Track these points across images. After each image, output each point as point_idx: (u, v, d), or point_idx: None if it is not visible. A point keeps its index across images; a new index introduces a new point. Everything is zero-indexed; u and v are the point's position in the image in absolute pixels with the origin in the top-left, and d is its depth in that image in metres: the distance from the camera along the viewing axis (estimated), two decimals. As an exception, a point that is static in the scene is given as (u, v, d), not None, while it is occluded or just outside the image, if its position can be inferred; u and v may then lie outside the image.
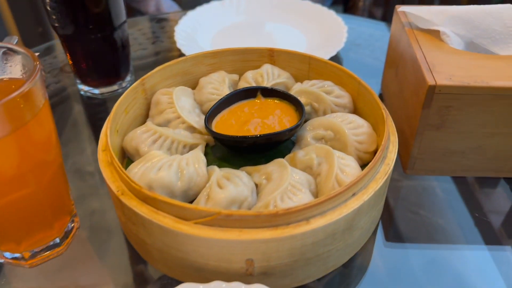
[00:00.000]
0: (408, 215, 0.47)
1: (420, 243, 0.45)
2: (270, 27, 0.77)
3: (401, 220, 0.47)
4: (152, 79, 0.50)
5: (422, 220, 0.47)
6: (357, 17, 0.84)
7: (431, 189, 0.50)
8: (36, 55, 0.37)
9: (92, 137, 0.59)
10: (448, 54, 0.47)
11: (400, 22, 0.53)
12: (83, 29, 0.55)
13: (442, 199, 0.49)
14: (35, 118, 0.35)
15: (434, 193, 0.50)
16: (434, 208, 0.48)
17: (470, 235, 0.45)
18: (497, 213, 0.48)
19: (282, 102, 0.49)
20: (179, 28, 0.71)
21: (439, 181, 0.51)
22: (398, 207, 0.49)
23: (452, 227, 0.46)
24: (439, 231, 0.46)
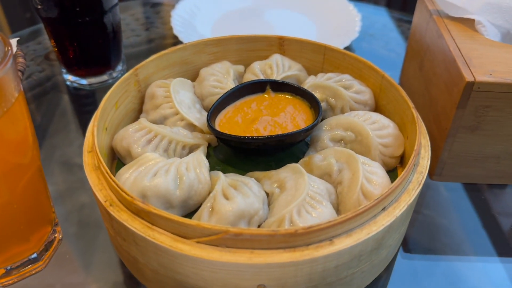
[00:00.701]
0: (414, 216, 0.42)
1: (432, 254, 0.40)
2: (276, 14, 0.70)
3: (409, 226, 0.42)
4: (146, 69, 0.44)
5: (426, 221, 0.42)
6: (368, 5, 0.78)
7: (434, 187, 0.45)
8: (14, 40, 0.31)
9: (80, 130, 0.53)
10: (486, 47, 0.41)
11: (426, 9, 0.48)
12: (70, 12, 0.49)
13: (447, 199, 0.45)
14: (6, 114, 0.29)
15: (438, 192, 0.45)
16: (438, 209, 0.43)
17: (476, 237, 0.41)
18: (506, 215, 0.43)
19: (294, 98, 0.43)
20: (176, 13, 0.65)
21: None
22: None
23: (458, 229, 0.41)
24: (446, 234, 0.41)
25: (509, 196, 0.46)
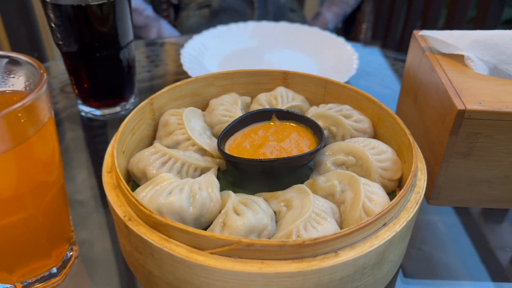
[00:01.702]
0: (411, 251, 0.44)
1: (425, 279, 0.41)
2: (279, 53, 0.75)
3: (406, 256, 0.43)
4: (160, 99, 0.47)
5: (425, 256, 0.43)
6: (364, 46, 0.83)
7: (433, 224, 0.47)
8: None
9: (86, 162, 0.55)
10: (475, 79, 0.45)
11: (419, 47, 0.52)
12: (88, 47, 0.53)
13: (446, 234, 0.46)
14: (37, 134, 0.32)
15: (437, 227, 0.47)
16: (437, 243, 0.45)
17: (475, 271, 0.42)
18: (502, 248, 0.45)
19: (298, 126, 0.46)
20: (185, 51, 0.69)
21: (442, 215, 0.48)
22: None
23: (457, 263, 0.43)
24: (443, 267, 0.42)
25: (505, 230, 0.48)
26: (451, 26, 1.16)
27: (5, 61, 0.35)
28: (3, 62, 0.35)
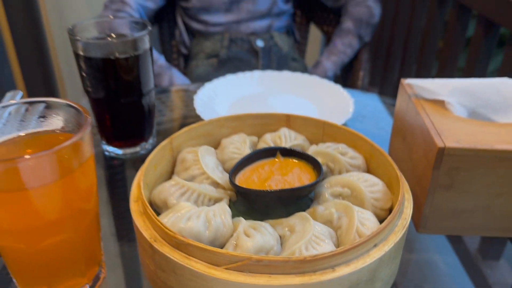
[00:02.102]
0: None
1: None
2: (282, 98, 0.82)
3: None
4: (179, 139, 0.54)
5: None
6: (360, 92, 0.90)
7: (433, 263, 0.51)
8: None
9: (109, 194, 0.61)
10: (454, 121, 0.51)
11: (406, 93, 0.59)
12: (114, 94, 0.60)
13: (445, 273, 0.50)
14: (81, 168, 0.38)
15: (437, 267, 0.51)
16: (437, 283, 0.49)
17: None
18: (501, 286, 0.49)
19: (300, 162, 0.52)
20: (198, 97, 0.76)
21: (442, 255, 0.52)
22: (401, 283, 0.49)
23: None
24: None
25: (503, 268, 0.52)
26: (443, 74, 1.24)
27: (44, 105, 0.42)
28: (43, 106, 0.42)
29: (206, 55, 1.30)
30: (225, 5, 1.26)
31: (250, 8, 1.27)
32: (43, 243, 0.38)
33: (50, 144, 0.36)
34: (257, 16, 1.29)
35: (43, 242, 0.38)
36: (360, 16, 1.24)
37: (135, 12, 1.15)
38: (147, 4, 1.19)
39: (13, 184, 0.36)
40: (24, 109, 0.44)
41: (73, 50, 0.58)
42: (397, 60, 1.54)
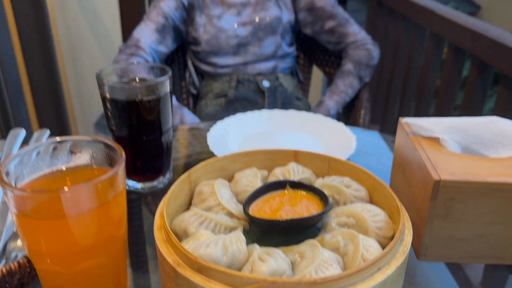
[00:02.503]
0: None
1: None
2: (289, 136, 0.88)
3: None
4: (196, 173, 0.59)
5: None
6: (362, 129, 0.96)
7: None
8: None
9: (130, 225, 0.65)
10: (448, 156, 0.56)
11: (404, 131, 0.64)
12: (136, 133, 0.65)
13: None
14: (115, 198, 0.43)
15: None
16: None
17: None
18: None
19: (308, 194, 0.56)
20: (211, 135, 0.82)
21: (442, 283, 0.55)
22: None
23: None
24: None
25: None
26: (441, 112, 1.30)
27: (72, 142, 0.47)
28: (71, 142, 0.47)
29: (214, 95, 1.37)
30: (232, 49, 1.34)
31: (256, 51, 1.35)
32: (78, 267, 0.42)
33: (86, 177, 0.41)
34: (263, 59, 1.37)
35: (78, 265, 0.42)
36: (359, 59, 1.32)
37: (148, 56, 1.23)
38: (159, 48, 1.27)
39: (55, 213, 0.41)
40: (53, 147, 0.49)
41: (100, 93, 0.64)
42: (397, 98, 1.61)
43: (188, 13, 1.33)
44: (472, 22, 1.19)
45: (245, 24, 1.33)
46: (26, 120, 1.68)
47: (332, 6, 1.36)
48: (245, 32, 1.33)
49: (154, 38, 1.25)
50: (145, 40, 1.23)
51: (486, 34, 1.10)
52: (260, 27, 1.33)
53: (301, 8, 1.38)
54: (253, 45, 1.35)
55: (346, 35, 1.35)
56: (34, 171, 0.47)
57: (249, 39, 1.34)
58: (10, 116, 1.60)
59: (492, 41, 1.06)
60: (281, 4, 1.36)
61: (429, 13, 1.38)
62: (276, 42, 1.36)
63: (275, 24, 1.34)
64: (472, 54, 1.13)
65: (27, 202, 0.41)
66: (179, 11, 1.31)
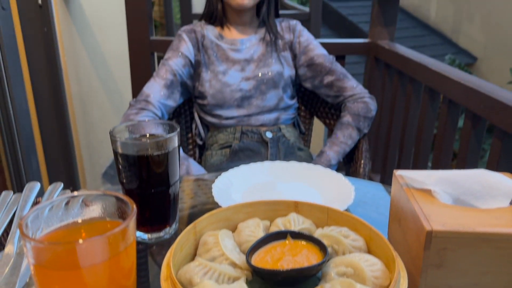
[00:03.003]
0: None
1: None
2: (290, 186, 0.91)
3: None
4: (201, 224, 0.62)
5: None
6: (362, 180, 0.99)
7: None
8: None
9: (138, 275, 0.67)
10: (440, 207, 0.59)
11: (398, 183, 0.67)
12: (146, 185, 0.69)
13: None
14: (125, 249, 0.46)
15: None
16: None
17: None
18: None
19: (308, 244, 0.59)
20: (216, 185, 0.86)
21: None
22: None
23: None
24: None
25: None
26: (439, 162, 1.34)
27: (83, 196, 0.51)
28: (83, 196, 0.51)
29: (219, 146, 1.42)
30: (237, 102, 1.40)
31: (259, 103, 1.42)
32: (89, 315, 0.44)
33: (99, 230, 0.44)
34: (265, 111, 1.43)
35: (90, 313, 0.44)
36: (358, 111, 1.38)
37: (157, 110, 1.30)
38: (168, 103, 1.34)
39: (70, 263, 0.44)
40: (67, 201, 0.53)
41: (112, 148, 0.68)
42: (396, 149, 1.65)
43: (195, 69, 1.41)
44: (465, 77, 1.25)
45: (249, 79, 1.40)
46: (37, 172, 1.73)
47: (330, 63, 1.43)
48: (249, 86, 1.40)
49: (163, 93, 1.32)
50: (155, 95, 1.30)
51: (479, 89, 1.15)
52: (263, 82, 1.40)
53: (301, 64, 1.46)
54: (256, 98, 1.41)
55: (344, 89, 1.42)
56: (50, 224, 0.50)
57: (252, 93, 1.40)
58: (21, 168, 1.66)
59: (485, 95, 1.12)
60: (282, 61, 1.44)
61: (423, 68, 1.46)
62: (278, 95, 1.43)
63: (277, 78, 1.41)
64: (465, 107, 1.18)
65: (44, 253, 0.44)
66: (187, 68, 1.39)
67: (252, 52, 1.42)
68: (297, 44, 1.45)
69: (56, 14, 1.93)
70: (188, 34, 1.41)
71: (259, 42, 1.44)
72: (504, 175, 0.65)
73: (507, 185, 0.62)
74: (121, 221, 0.50)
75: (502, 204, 0.60)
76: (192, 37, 1.41)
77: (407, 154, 1.58)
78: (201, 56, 1.40)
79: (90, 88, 2.33)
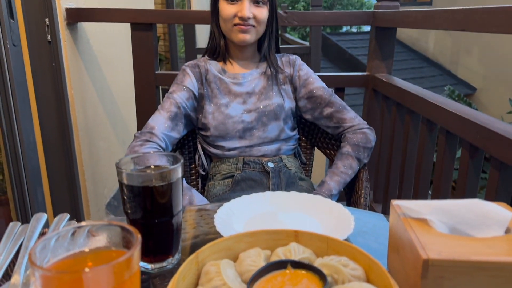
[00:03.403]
0: None
1: None
2: (291, 216, 0.93)
3: None
4: (204, 253, 0.63)
5: None
6: (362, 210, 1.01)
7: None
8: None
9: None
10: (436, 237, 0.61)
11: (396, 213, 0.69)
12: (150, 215, 0.71)
13: None
14: (130, 278, 0.48)
15: None
16: None
17: None
18: None
19: (308, 273, 0.61)
20: (218, 216, 0.87)
21: None
22: None
23: None
24: None
25: None
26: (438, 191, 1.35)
27: (90, 226, 0.53)
28: (89, 227, 0.53)
29: (222, 176, 1.44)
30: (239, 133, 1.43)
31: (261, 135, 1.45)
32: None
33: (105, 259, 0.46)
34: (267, 142, 1.46)
35: None
36: (357, 142, 1.40)
37: (161, 142, 1.33)
38: (172, 134, 1.37)
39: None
40: (73, 231, 0.55)
41: (118, 180, 0.71)
42: (397, 179, 1.67)
43: (199, 102, 1.45)
44: (461, 109, 1.29)
45: (250, 111, 1.44)
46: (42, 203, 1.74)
47: (329, 95, 1.47)
48: (251, 118, 1.43)
49: (167, 125, 1.35)
50: (159, 127, 1.34)
51: (474, 120, 1.18)
52: (264, 114, 1.44)
53: (301, 97, 1.50)
54: (258, 129, 1.45)
55: (343, 120, 1.45)
56: (56, 254, 0.52)
57: (254, 124, 1.44)
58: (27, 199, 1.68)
59: (480, 126, 1.14)
60: (283, 94, 1.48)
61: (420, 100, 1.49)
62: (279, 127, 1.46)
63: (278, 110, 1.45)
64: (462, 138, 1.21)
65: (52, 281, 0.46)
66: (190, 101, 1.43)
67: (254, 85, 1.47)
68: (297, 77, 1.50)
69: (64, 49, 1.99)
70: (192, 69, 1.46)
71: (260, 76, 1.49)
72: (498, 205, 0.66)
73: (501, 215, 0.63)
74: (126, 250, 0.52)
75: (497, 233, 0.62)
76: (196, 72, 1.46)
77: (407, 184, 1.59)
78: (205, 89, 1.44)
79: (96, 121, 2.38)
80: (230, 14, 1.37)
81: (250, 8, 1.36)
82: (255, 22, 1.39)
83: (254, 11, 1.37)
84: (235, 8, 1.37)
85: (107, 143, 2.54)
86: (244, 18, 1.36)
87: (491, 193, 1.07)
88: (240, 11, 1.36)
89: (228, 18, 1.38)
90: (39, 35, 1.89)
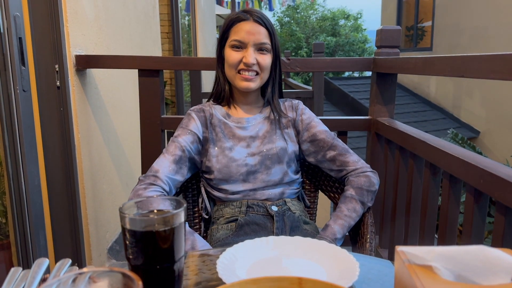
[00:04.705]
0: None
1: None
2: (295, 261, 0.92)
3: None
4: (205, 301, 0.62)
5: None
6: (367, 256, 0.99)
7: None
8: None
9: None
10: (442, 284, 0.60)
11: (400, 259, 0.68)
12: (151, 261, 0.71)
13: None
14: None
15: None
16: None
17: None
18: None
19: (311, 322, 0.59)
20: (220, 261, 0.86)
21: None
22: None
23: None
24: None
25: None
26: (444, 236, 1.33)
27: (91, 272, 0.53)
28: (90, 273, 0.53)
29: (225, 220, 1.43)
30: (242, 176, 1.44)
31: (264, 178, 1.45)
32: None
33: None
34: (270, 185, 1.46)
35: None
36: (361, 185, 1.40)
37: (165, 185, 1.33)
38: (176, 177, 1.38)
39: None
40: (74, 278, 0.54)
41: (121, 224, 0.71)
42: (402, 224, 1.65)
43: (203, 146, 1.47)
44: (463, 153, 1.29)
45: (254, 154, 1.45)
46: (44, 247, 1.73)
47: (332, 138, 1.49)
48: (254, 161, 1.44)
49: (171, 168, 1.37)
50: (163, 170, 1.35)
51: (478, 164, 1.18)
52: (268, 157, 1.45)
53: (304, 140, 1.51)
54: (261, 173, 1.45)
55: (346, 163, 1.46)
56: (58, 300, 0.52)
57: (257, 168, 1.44)
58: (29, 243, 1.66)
59: (484, 170, 1.14)
60: (286, 137, 1.50)
61: (423, 144, 1.50)
62: (283, 170, 1.47)
63: (281, 154, 1.46)
64: (466, 182, 1.20)
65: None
66: (195, 144, 1.45)
67: (257, 129, 1.49)
68: (299, 121, 1.52)
69: (72, 95, 2.05)
70: (197, 113, 1.49)
71: (264, 120, 1.51)
72: (504, 251, 0.66)
73: (507, 261, 0.62)
74: (128, 297, 0.52)
75: (504, 281, 0.61)
76: (201, 116, 1.49)
77: (413, 228, 1.57)
78: (209, 133, 1.47)
79: (101, 164, 2.40)
80: (235, 60, 1.42)
81: (254, 54, 1.41)
82: (259, 69, 1.43)
83: (258, 58, 1.42)
84: (240, 55, 1.42)
85: (111, 186, 2.55)
86: (248, 64, 1.40)
87: (498, 239, 1.06)
88: (245, 57, 1.40)
89: (233, 64, 1.43)
90: (49, 81, 1.95)
